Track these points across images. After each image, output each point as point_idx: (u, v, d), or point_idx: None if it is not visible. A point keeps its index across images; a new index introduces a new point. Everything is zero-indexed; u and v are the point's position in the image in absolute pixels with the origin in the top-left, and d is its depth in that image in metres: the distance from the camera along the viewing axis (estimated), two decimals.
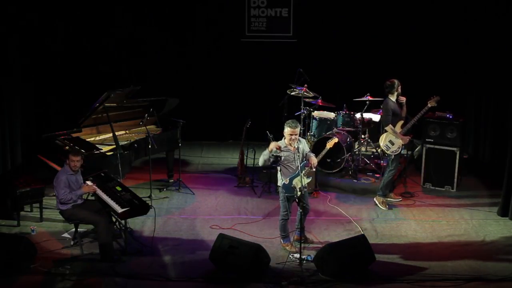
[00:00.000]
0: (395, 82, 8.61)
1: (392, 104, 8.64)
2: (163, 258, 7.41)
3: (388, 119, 8.67)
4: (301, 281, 6.84)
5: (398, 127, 8.65)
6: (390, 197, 9.08)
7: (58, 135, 8.94)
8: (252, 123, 9.69)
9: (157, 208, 8.40)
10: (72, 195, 7.48)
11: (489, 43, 10.15)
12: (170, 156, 9.89)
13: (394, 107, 8.66)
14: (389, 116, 8.65)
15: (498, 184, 9.13)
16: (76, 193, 7.52)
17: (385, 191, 8.95)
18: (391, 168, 8.80)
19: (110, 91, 8.64)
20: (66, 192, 7.44)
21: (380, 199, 8.93)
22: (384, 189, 8.93)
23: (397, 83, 8.61)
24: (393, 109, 8.64)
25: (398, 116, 8.69)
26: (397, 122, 8.67)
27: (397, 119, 8.68)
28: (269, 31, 11.72)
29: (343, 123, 10.07)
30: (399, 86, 8.62)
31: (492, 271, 7.12)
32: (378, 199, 8.96)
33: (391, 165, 8.78)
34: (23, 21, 9.61)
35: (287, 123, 7.36)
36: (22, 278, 6.89)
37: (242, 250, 6.93)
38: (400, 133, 8.64)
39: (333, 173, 9.82)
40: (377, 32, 11.24)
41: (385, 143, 8.77)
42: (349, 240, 7.36)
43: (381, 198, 8.93)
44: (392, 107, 8.64)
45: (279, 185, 7.50)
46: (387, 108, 8.66)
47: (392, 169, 8.80)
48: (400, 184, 9.58)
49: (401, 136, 8.63)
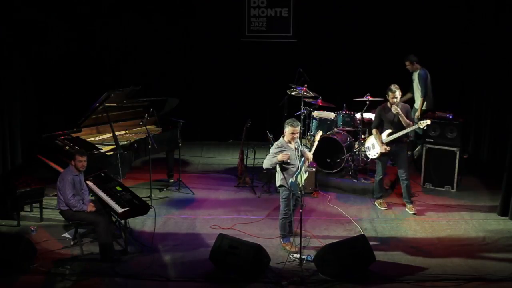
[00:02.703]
0: (389, 88, 8.39)
1: (383, 109, 8.59)
2: (163, 258, 7.41)
3: (375, 123, 8.70)
4: (301, 281, 6.84)
5: (385, 134, 8.56)
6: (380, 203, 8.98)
7: (58, 135, 8.95)
8: (252, 123, 9.69)
9: (157, 208, 8.40)
10: (78, 204, 7.48)
11: (489, 43, 10.15)
12: (170, 156, 9.89)
13: (383, 113, 8.57)
14: (376, 120, 8.68)
15: (498, 184, 9.13)
16: (83, 207, 7.52)
17: (377, 194, 8.98)
18: (377, 172, 8.82)
19: (110, 91, 8.64)
20: (72, 193, 7.45)
21: (378, 200, 8.95)
22: (376, 192, 8.98)
23: (389, 91, 8.36)
24: (381, 115, 8.58)
25: (389, 123, 8.53)
26: (386, 130, 8.55)
27: (388, 126, 8.55)
28: (269, 31, 11.71)
29: (343, 123, 10.07)
30: (392, 94, 8.34)
31: (492, 271, 7.12)
32: (376, 201, 8.98)
33: (377, 168, 8.83)
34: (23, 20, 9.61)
35: (288, 122, 7.41)
36: (22, 278, 6.89)
37: (242, 250, 6.93)
38: (381, 141, 8.56)
39: (333, 173, 9.82)
40: (377, 32, 11.23)
41: (368, 144, 8.89)
42: (349, 240, 7.36)
43: (378, 200, 8.97)
44: (382, 113, 8.58)
45: (282, 185, 7.49)
46: (376, 112, 8.69)
47: (378, 173, 8.80)
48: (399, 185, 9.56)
49: (380, 144, 8.57)
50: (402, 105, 8.56)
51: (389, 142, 8.53)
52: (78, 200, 7.52)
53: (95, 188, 7.75)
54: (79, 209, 7.47)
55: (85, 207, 7.53)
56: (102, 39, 11.25)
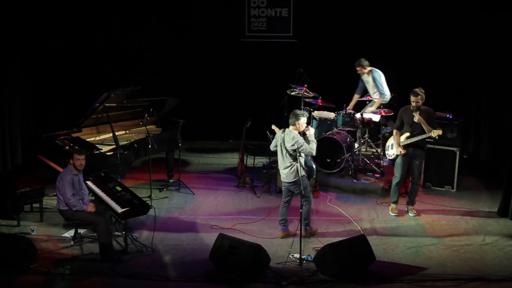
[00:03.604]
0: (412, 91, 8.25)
1: (405, 111, 8.42)
2: (163, 258, 7.41)
3: (396, 123, 8.55)
4: (301, 281, 6.84)
5: (404, 137, 8.44)
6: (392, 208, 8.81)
7: (58, 135, 8.95)
8: (252, 123, 9.69)
9: (157, 208, 8.39)
10: (78, 203, 7.49)
11: (489, 42, 10.15)
12: (170, 156, 9.89)
13: (405, 116, 8.40)
14: (397, 121, 8.53)
15: (498, 184, 9.14)
16: (83, 207, 7.52)
17: (391, 199, 8.79)
18: (394, 175, 8.64)
19: (110, 91, 8.64)
20: (72, 192, 7.45)
21: (392, 206, 8.76)
22: (391, 196, 8.79)
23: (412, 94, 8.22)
24: (403, 116, 8.45)
25: (409, 126, 8.38)
26: (405, 132, 8.42)
27: (407, 128, 8.41)
28: (269, 31, 11.71)
29: (343, 123, 10.06)
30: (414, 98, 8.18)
31: (492, 271, 7.12)
32: (390, 205, 8.81)
33: (394, 171, 8.64)
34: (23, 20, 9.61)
35: (302, 114, 7.64)
36: (22, 278, 6.89)
37: (242, 250, 6.93)
38: (399, 142, 8.46)
39: (333, 173, 9.82)
40: (377, 32, 11.22)
41: (388, 143, 8.85)
42: (349, 240, 7.36)
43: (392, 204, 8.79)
44: (403, 114, 8.44)
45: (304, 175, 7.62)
46: (398, 113, 8.55)
47: (395, 176, 8.62)
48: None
49: (397, 146, 8.47)
50: (425, 110, 8.34)
51: (406, 145, 8.42)
52: (78, 199, 7.52)
53: (95, 188, 7.74)
54: (79, 208, 7.47)
55: (85, 206, 7.52)
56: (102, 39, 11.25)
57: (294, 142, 7.52)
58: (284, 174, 7.76)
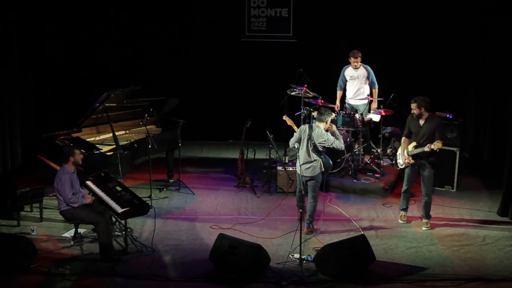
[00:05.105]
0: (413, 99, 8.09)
1: (411, 119, 8.19)
2: (163, 258, 7.42)
3: (405, 131, 8.29)
4: (301, 281, 6.84)
5: (411, 146, 8.18)
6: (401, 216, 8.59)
7: (58, 135, 8.94)
8: (252, 123, 9.69)
9: (157, 208, 8.39)
10: (79, 199, 7.50)
11: (489, 42, 10.15)
12: (170, 156, 9.89)
13: (411, 124, 8.19)
14: (406, 129, 8.28)
15: (498, 184, 9.14)
16: (83, 201, 7.55)
17: (400, 206, 8.57)
18: (404, 183, 8.44)
19: (110, 91, 8.64)
20: (72, 192, 7.46)
21: (401, 213, 8.56)
22: (400, 204, 8.57)
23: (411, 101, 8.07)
24: (410, 124, 8.23)
25: (414, 135, 8.15)
26: (413, 141, 8.16)
27: (413, 137, 8.16)
28: (269, 31, 11.72)
29: (343, 123, 10.05)
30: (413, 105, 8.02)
31: (492, 271, 7.13)
32: (400, 213, 8.58)
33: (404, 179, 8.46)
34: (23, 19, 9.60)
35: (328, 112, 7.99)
36: (22, 278, 6.89)
37: (242, 250, 6.93)
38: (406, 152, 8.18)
39: (333, 173, 9.81)
40: (377, 32, 11.22)
41: (399, 151, 8.43)
42: (349, 240, 7.36)
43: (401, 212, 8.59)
44: (409, 122, 8.23)
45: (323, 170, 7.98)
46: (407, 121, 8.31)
47: (404, 184, 8.42)
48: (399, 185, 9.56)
49: (403, 155, 8.23)
50: (431, 118, 8.06)
51: (413, 155, 8.12)
52: (78, 196, 7.52)
53: (95, 188, 7.74)
54: (81, 203, 7.49)
55: (85, 200, 7.56)
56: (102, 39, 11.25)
57: (325, 138, 7.84)
58: (307, 169, 7.87)
